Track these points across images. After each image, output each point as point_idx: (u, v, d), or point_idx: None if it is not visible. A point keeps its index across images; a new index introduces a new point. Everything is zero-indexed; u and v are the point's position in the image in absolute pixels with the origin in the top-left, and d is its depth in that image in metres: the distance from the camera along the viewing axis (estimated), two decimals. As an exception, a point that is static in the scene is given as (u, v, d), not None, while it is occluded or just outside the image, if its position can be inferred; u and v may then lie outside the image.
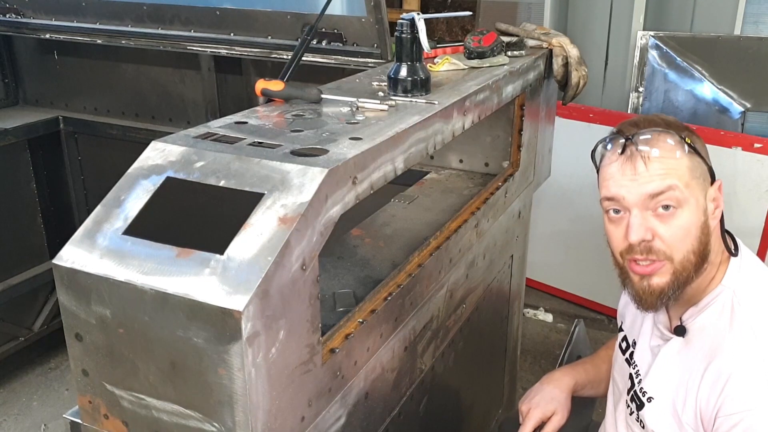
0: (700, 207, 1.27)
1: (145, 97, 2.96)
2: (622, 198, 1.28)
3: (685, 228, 1.26)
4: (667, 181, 1.25)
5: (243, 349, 0.94)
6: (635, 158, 1.27)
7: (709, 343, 1.28)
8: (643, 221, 1.27)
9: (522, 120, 2.10)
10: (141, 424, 1.08)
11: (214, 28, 2.45)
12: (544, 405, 1.62)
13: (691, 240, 1.27)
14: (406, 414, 1.59)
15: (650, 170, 1.26)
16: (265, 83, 1.45)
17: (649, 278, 1.29)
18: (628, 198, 1.27)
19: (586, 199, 3.36)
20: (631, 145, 1.28)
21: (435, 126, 1.44)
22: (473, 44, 1.84)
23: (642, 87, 3.66)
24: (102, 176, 3.08)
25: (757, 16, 3.63)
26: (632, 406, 1.45)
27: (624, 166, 1.28)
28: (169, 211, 1.09)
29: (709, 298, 1.32)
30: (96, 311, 1.04)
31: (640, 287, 1.31)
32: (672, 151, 1.26)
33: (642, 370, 1.44)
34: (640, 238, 1.27)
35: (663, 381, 1.37)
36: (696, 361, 1.29)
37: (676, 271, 1.28)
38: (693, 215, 1.26)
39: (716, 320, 1.30)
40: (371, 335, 1.34)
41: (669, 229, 1.26)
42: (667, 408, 1.34)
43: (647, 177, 1.26)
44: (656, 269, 1.28)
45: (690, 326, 1.33)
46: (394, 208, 1.89)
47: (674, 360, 1.35)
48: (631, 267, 1.31)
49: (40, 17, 2.79)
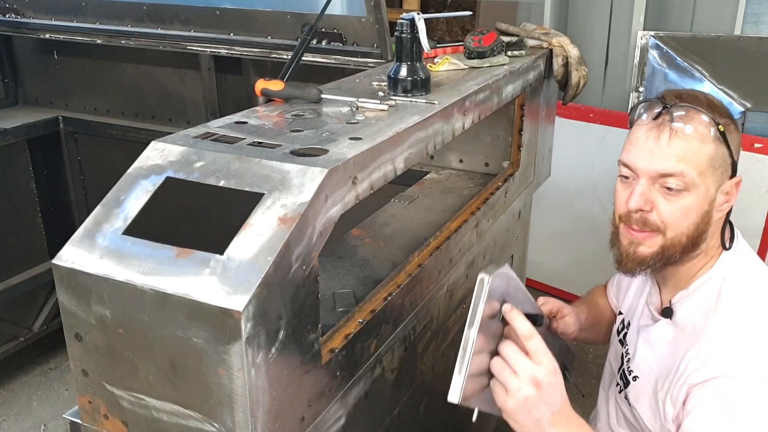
0: (707, 196, 1.28)
1: (144, 97, 2.96)
2: (635, 167, 1.30)
3: (686, 210, 1.28)
4: (680, 166, 1.25)
5: (243, 349, 0.94)
6: (663, 128, 1.27)
7: (693, 325, 1.31)
8: (647, 192, 1.29)
9: (522, 120, 2.10)
10: (141, 424, 1.08)
11: (213, 28, 2.45)
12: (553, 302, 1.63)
13: (687, 223, 1.29)
14: (406, 414, 1.59)
15: (671, 146, 1.26)
16: (265, 83, 1.45)
17: (638, 245, 1.33)
18: (640, 168, 1.29)
19: (586, 199, 3.36)
20: (666, 114, 1.28)
21: (435, 126, 1.43)
22: (473, 44, 1.84)
23: (642, 87, 3.65)
24: (102, 176, 3.08)
25: (757, 16, 3.63)
26: (621, 384, 1.49)
27: (650, 132, 1.29)
28: (169, 211, 1.09)
29: (699, 283, 1.35)
30: (96, 311, 1.04)
31: (625, 251, 1.35)
32: (701, 134, 1.26)
33: (631, 350, 1.48)
34: (637, 207, 1.30)
35: (648, 360, 1.40)
36: (680, 342, 1.32)
37: (664, 246, 1.31)
38: (697, 201, 1.27)
39: (703, 304, 1.33)
40: (371, 335, 1.34)
41: (669, 207, 1.28)
42: (649, 386, 1.37)
43: (664, 154, 1.26)
44: (647, 238, 1.32)
45: (678, 309, 1.37)
46: (394, 208, 1.88)
47: (660, 340, 1.38)
48: (626, 231, 1.34)
49: (40, 17, 2.79)
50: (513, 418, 1.17)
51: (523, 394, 1.15)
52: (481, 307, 1.17)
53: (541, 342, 1.17)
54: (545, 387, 1.15)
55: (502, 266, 1.22)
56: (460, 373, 1.16)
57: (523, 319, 1.19)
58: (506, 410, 1.17)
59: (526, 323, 1.18)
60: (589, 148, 3.32)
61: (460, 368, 1.16)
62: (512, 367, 1.16)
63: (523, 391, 1.15)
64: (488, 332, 1.20)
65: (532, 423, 1.16)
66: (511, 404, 1.16)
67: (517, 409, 1.16)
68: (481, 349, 1.19)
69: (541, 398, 1.15)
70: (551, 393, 1.16)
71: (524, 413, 1.16)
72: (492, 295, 1.19)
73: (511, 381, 1.16)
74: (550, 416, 1.17)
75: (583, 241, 3.39)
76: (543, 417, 1.16)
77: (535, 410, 1.16)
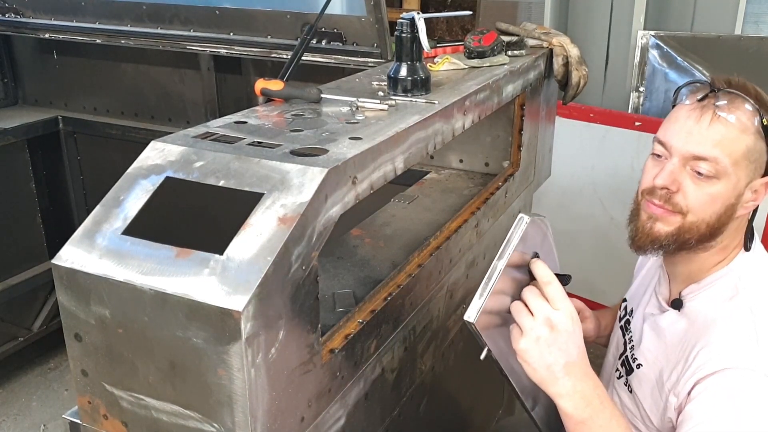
0: (736, 188, 1.26)
1: (144, 96, 2.96)
2: (670, 145, 1.29)
3: (712, 198, 1.26)
4: (716, 151, 1.23)
5: (242, 349, 0.94)
6: (706, 111, 1.25)
7: (704, 319, 1.30)
8: (677, 172, 1.27)
9: (522, 120, 2.10)
10: (140, 424, 1.08)
11: (213, 28, 2.45)
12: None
13: (711, 211, 1.27)
14: (405, 414, 1.59)
15: (710, 130, 1.24)
16: (265, 83, 1.45)
17: (655, 221, 1.31)
18: (675, 146, 1.28)
19: (586, 199, 3.36)
20: (713, 97, 1.26)
21: (435, 126, 1.43)
22: (473, 44, 1.84)
23: (642, 86, 3.65)
24: (101, 176, 3.08)
25: (757, 16, 3.63)
26: (621, 371, 1.48)
27: (692, 113, 1.27)
28: (169, 211, 1.08)
29: (713, 278, 1.33)
30: (95, 311, 1.03)
31: (642, 226, 1.34)
32: (743, 123, 1.25)
33: (635, 337, 1.47)
34: (664, 185, 1.28)
35: (653, 349, 1.39)
36: (689, 335, 1.31)
37: (681, 228, 1.29)
38: (726, 191, 1.26)
39: (716, 299, 1.31)
40: (371, 335, 1.34)
41: (696, 191, 1.26)
42: (653, 376, 1.36)
43: (702, 136, 1.25)
44: (666, 215, 1.30)
45: (688, 302, 1.35)
46: (394, 208, 1.88)
47: (667, 331, 1.37)
48: (647, 204, 1.33)
49: (40, 17, 2.79)
50: (524, 358, 1.16)
51: (536, 334, 1.14)
52: (514, 243, 1.18)
53: (560, 288, 1.17)
54: (560, 331, 1.15)
55: (542, 217, 1.25)
56: (481, 296, 1.16)
57: (546, 267, 1.20)
58: (519, 350, 1.16)
59: (548, 271, 1.19)
60: (589, 148, 3.31)
61: (482, 292, 1.17)
62: (530, 309, 1.16)
63: (536, 330, 1.14)
64: (513, 278, 1.21)
65: (544, 367, 1.16)
66: (524, 344, 1.15)
67: (529, 349, 1.15)
68: (502, 290, 1.19)
69: (554, 341, 1.14)
70: (566, 340, 1.15)
71: (536, 354, 1.15)
72: (526, 239, 1.21)
73: (526, 321, 1.16)
74: (564, 365, 1.16)
75: (583, 240, 3.39)
76: (556, 364, 1.15)
77: (547, 354, 1.15)
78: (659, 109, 3.57)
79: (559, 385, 1.17)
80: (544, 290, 1.17)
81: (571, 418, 1.18)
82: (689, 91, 1.32)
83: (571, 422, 1.19)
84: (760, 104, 1.26)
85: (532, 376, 1.18)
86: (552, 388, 1.17)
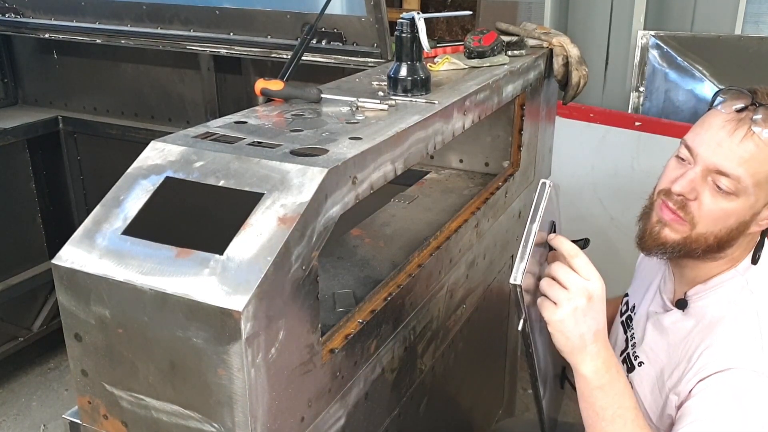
0: (754, 208, 1.25)
1: (144, 96, 2.95)
2: (696, 153, 1.27)
3: (726, 213, 1.25)
4: (741, 170, 1.21)
5: (242, 349, 0.94)
6: (741, 125, 1.22)
7: (709, 320, 1.30)
8: (697, 181, 1.26)
9: (522, 120, 2.10)
10: (140, 424, 1.08)
11: (213, 28, 2.45)
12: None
13: (722, 225, 1.26)
14: (405, 415, 1.59)
15: (741, 146, 1.21)
16: (265, 83, 1.45)
17: (663, 226, 1.31)
18: (701, 155, 1.26)
19: (586, 199, 3.36)
20: (752, 111, 1.23)
21: (435, 126, 1.43)
22: (473, 44, 1.84)
23: (642, 86, 3.65)
24: (101, 176, 3.08)
25: (757, 16, 3.63)
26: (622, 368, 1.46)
27: (727, 123, 1.24)
28: (169, 211, 1.08)
29: (719, 280, 1.33)
30: (95, 311, 1.03)
31: (651, 229, 1.34)
32: None
33: (637, 335, 1.47)
34: (681, 191, 1.27)
35: (655, 348, 1.39)
36: (693, 335, 1.31)
37: (689, 237, 1.29)
38: (742, 209, 1.25)
39: (722, 300, 1.31)
40: (371, 335, 1.33)
41: (712, 204, 1.25)
42: (654, 374, 1.37)
43: (731, 151, 1.22)
44: (676, 222, 1.29)
45: (693, 303, 1.35)
46: (394, 208, 1.88)
47: (671, 330, 1.37)
48: (660, 206, 1.32)
49: (40, 17, 2.79)
50: (560, 329, 1.18)
51: (574, 304, 1.16)
52: (543, 206, 1.21)
53: (586, 259, 1.20)
54: (596, 300, 1.17)
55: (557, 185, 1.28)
56: (522, 259, 1.18)
57: (568, 241, 1.23)
58: (554, 322, 1.18)
59: (571, 244, 1.22)
60: (589, 148, 3.31)
61: (522, 255, 1.18)
62: (562, 283, 1.18)
63: (574, 300, 1.16)
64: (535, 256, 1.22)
65: (578, 336, 1.17)
66: (560, 314, 1.17)
67: (566, 319, 1.16)
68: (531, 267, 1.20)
69: (590, 310, 1.17)
70: (599, 309, 1.18)
71: (572, 324, 1.17)
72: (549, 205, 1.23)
73: (561, 293, 1.17)
74: (594, 332, 1.18)
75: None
76: (588, 331, 1.17)
77: (582, 323, 1.17)
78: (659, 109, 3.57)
79: (586, 352, 1.19)
80: (571, 263, 1.19)
81: (589, 384, 1.20)
82: (729, 97, 1.28)
83: (587, 388, 1.20)
84: None
85: (563, 344, 1.19)
86: (579, 355, 1.19)
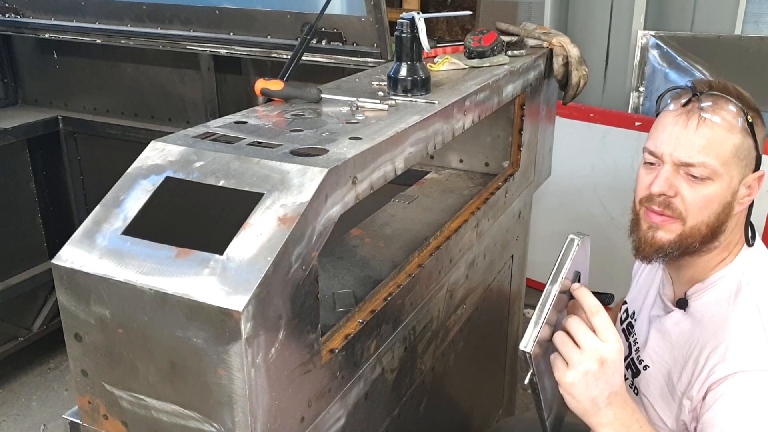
0: (731, 186, 1.28)
1: (144, 96, 2.95)
2: (660, 153, 1.30)
3: (709, 198, 1.27)
4: (705, 156, 1.25)
5: (242, 349, 0.94)
6: (691, 116, 1.27)
7: (711, 318, 1.30)
8: (671, 178, 1.28)
9: (522, 120, 2.10)
10: (140, 424, 1.08)
11: (213, 28, 2.45)
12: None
13: (709, 212, 1.28)
14: (406, 415, 1.59)
15: (697, 134, 1.25)
16: (265, 83, 1.44)
17: (656, 230, 1.32)
18: (666, 153, 1.29)
19: (586, 199, 3.36)
20: (696, 101, 1.28)
21: (435, 126, 1.43)
22: (473, 44, 1.84)
23: (642, 86, 3.65)
24: (101, 176, 3.07)
25: (757, 16, 3.63)
26: (627, 374, 1.47)
27: (678, 119, 1.28)
28: (169, 211, 1.08)
29: (717, 277, 1.34)
30: (95, 311, 1.03)
31: (644, 236, 1.34)
32: (728, 123, 1.26)
33: (640, 339, 1.47)
34: (661, 191, 1.29)
35: (659, 350, 1.39)
36: (696, 334, 1.31)
37: (683, 233, 1.30)
38: (721, 191, 1.27)
39: (721, 297, 1.32)
40: (371, 335, 1.33)
41: (693, 194, 1.27)
42: (662, 377, 1.37)
43: (690, 141, 1.26)
44: (666, 223, 1.31)
45: (693, 301, 1.36)
46: (394, 208, 1.88)
47: (674, 331, 1.37)
48: (646, 213, 1.33)
49: (40, 17, 2.79)
50: (570, 392, 1.15)
51: (585, 368, 1.13)
52: (567, 265, 1.17)
53: (608, 319, 1.16)
54: (609, 365, 1.13)
55: (587, 236, 1.24)
56: (536, 325, 1.15)
57: (592, 296, 1.18)
58: (564, 383, 1.15)
59: (595, 300, 1.18)
60: (589, 148, 3.31)
61: (537, 320, 1.15)
62: (577, 341, 1.14)
63: (585, 364, 1.13)
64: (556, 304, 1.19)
65: (589, 400, 1.15)
66: (571, 377, 1.14)
67: (577, 383, 1.13)
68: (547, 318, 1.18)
69: (602, 375, 1.13)
70: (613, 372, 1.14)
71: (582, 388, 1.14)
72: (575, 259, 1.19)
73: (574, 354, 1.14)
74: (607, 396, 1.15)
75: (583, 241, 3.39)
76: (600, 395, 1.14)
77: (594, 387, 1.13)
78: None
79: (600, 416, 1.16)
80: (591, 320, 1.15)
81: None
82: (672, 96, 1.34)
83: None
84: (743, 102, 1.28)
85: (575, 407, 1.17)
86: (593, 419, 1.16)
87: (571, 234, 1.21)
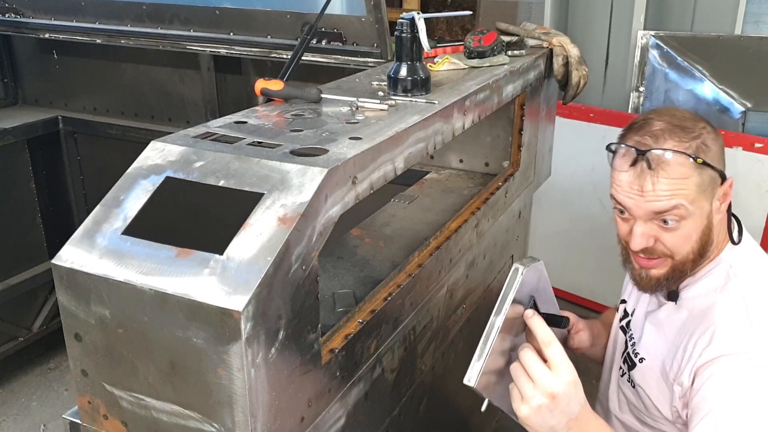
0: (704, 214, 1.30)
1: (144, 96, 2.95)
2: (629, 210, 1.33)
3: (687, 236, 1.31)
4: (673, 201, 1.27)
5: (242, 349, 0.94)
6: (644, 176, 1.28)
7: (700, 307, 1.35)
8: (647, 230, 1.32)
9: (522, 120, 2.10)
10: (140, 424, 1.08)
11: (213, 28, 2.45)
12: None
13: (692, 243, 1.32)
14: (405, 414, 1.59)
15: (657, 190, 1.27)
16: (265, 83, 1.45)
17: (648, 271, 1.37)
18: (634, 210, 1.32)
19: (586, 199, 3.36)
20: (642, 161, 1.28)
21: (435, 126, 1.43)
22: (473, 44, 1.84)
23: (642, 86, 3.65)
24: (101, 176, 3.08)
25: (757, 16, 3.63)
26: (624, 368, 1.52)
27: (633, 182, 1.30)
28: (169, 211, 1.08)
29: (706, 270, 1.38)
30: (95, 311, 1.03)
31: (638, 275, 1.39)
32: (682, 171, 1.27)
33: (636, 335, 1.51)
34: (641, 247, 1.33)
35: (654, 341, 1.43)
36: (686, 324, 1.36)
37: (675, 266, 1.35)
38: (696, 224, 1.30)
39: (709, 288, 1.36)
40: (371, 335, 1.33)
41: (671, 237, 1.31)
42: (657, 367, 1.40)
43: (653, 196, 1.28)
44: (656, 264, 1.36)
45: (684, 294, 1.40)
46: (394, 208, 1.88)
47: (666, 322, 1.42)
48: (635, 259, 1.38)
49: (40, 17, 2.79)
50: (527, 424, 1.18)
51: (537, 402, 1.16)
52: (511, 297, 1.18)
53: (560, 350, 1.18)
54: (561, 397, 1.16)
55: (536, 261, 1.25)
56: (480, 358, 1.17)
57: (545, 326, 1.20)
58: (520, 417, 1.18)
59: (548, 330, 1.19)
60: (589, 148, 3.31)
61: (480, 353, 1.17)
62: (530, 375, 1.17)
63: (537, 399, 1.15)
64: (511, 328, 1.21)
65: (548, 429, 1.17)
66: (525, 411, 1.17)
67: (531, 416, 1.17)
68: (501, 345, 1.19)
69: (555, 407, 1.16)
70: (568, 402, 1.17)
71: (539, 420, 1.17)
72: (522, 287, 1.19)
73: (527, 389, 1.17)
74: (566, 423, 1.17)
75: (583, 241, 3.39)
76: (559, 424, 1.17)
77: (549, 418, 1.16)
78: (659, 109, 3.56)
79: None
80: (544, 352, 1.18)
81: None
82: (617, 157, 1.34)
83: None
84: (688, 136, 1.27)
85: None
86: None
87: (515, 263, 1.21)
